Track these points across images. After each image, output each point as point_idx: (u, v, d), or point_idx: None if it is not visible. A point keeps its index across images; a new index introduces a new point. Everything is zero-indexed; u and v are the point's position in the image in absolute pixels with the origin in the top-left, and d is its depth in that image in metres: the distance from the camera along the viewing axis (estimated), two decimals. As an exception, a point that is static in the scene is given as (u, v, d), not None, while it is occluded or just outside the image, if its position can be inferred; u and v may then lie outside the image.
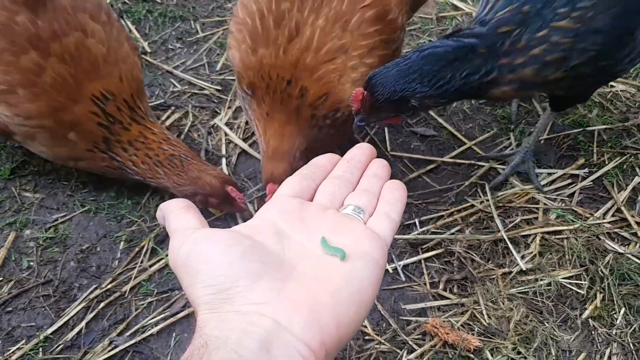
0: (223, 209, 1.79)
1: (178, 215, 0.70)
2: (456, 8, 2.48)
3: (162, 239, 1.77)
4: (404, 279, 1.71)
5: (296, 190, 0.76)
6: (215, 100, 2.16)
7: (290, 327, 0.58)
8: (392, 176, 1.68)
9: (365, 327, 1.60)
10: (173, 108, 2.12)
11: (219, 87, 2.20)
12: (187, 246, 0.64)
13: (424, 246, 1.76)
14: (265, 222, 0.70)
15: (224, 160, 1.98)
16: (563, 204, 1.83)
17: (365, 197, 0.77)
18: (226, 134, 2.05)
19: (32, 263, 1.70)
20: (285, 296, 0.60)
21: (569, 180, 1.91)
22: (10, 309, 1.62)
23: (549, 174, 1.92)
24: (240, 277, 0.60)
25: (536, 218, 1.81)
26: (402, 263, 1.73)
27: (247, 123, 2.09)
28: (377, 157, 0.87)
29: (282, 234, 0.69)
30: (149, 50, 2.30)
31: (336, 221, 0.72)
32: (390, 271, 1.72)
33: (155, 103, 2.11)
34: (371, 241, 0.70)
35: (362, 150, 0.84)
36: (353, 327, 0.63)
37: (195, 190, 1.68)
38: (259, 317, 0.57)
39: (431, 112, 2.12)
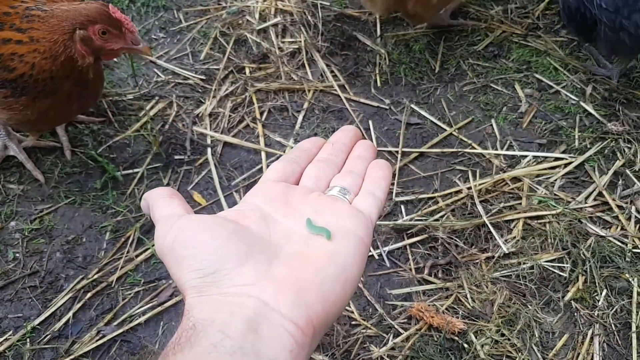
0: (115, 46, 1.46)
1: (162, 204, 0.70)
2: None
3: (148, 229, 1.77)
4: (389, 264, 1.73)
5: (281, 175, 0.77)
6: (200, 90, 2.16)
7: (277, 307, 0.58)
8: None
9: (352, 312, 1.62)
10: (157, 98, 2.11)
11: (203, 77, 2.19)
12: (173, 233, 0.65)
13: (408, 232, 1.78)
14: (251, 207, 0.71)
15: (209, 150, 1.98)
16: (546, 190, 1.86)
17: (350, 177, 0.78)
18: (210, 126, 2.05)
19: (17, 254, 1.69)
20: (271, 277, 0.61)
21: (553, 164, 1.93)
22: (-3, 300, 1.61)
23: (534, 158, 1.94)
24: (226, 260, 0.61)
25: (519, 204, 1.83)
26: (387, 249, 1.75)
27: (232, 112, 2.09)
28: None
29: (268, 217, 0.69)
30: (132, 40, 2.28)
31: (321, 203, 0.73)
32: (376, 257, 1.74)
33: (140, 93, 2.10)
34: (355, 219, 0.71)
35: (347, 132, 0.85)
36: (339, 305, 0.63)
37: (72, 25, 1.40)
38: (246, 298, 0.58)
39: (413, 105, 2.13)
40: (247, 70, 2.22)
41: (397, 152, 2.00)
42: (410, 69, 2.24)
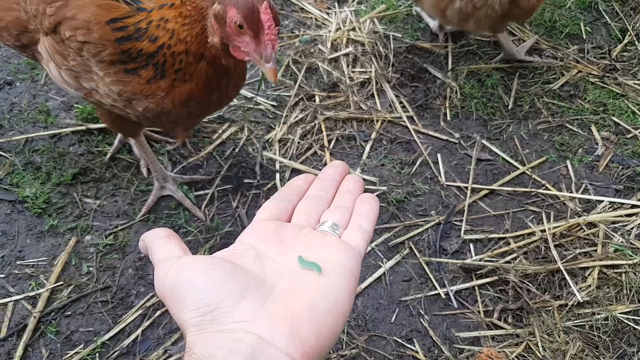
0: (243, 47, 1.29)
1: (160, 245, 0.73)
2: (512, 32, 2.46)
3: (218, 249, 1.79)
4: (456, 305, 1.70)
5: (273, 213, 0.80)
6: (271, 116, 2.19)
7: (273, 342, 0.62)
8: (446, 203, 1.65)
9: (417, 352, 1.59)
10: (229, 122, 2.15)
11: (274, 103, 2.22)
12: (172, 275, 0.67)
13: (477, 272, 1.75)
14: (245, 246, 0.74)
15: (277, 175, 2.00)
16: (622, 238, 1.79)
17: (339, 212, 0.81)
18: (279, 151, 2.07)
19: (91, 268, 1.74)
20: (267, 313, 0.64)
21: (630, 211, 1.87)
22: (69, 313, 1.66)
23: (610, 204, 1.88)
24: (224, 298, 0.64)
25: (595, 250, 1.77)
26: (454, 288, 1.72)
27: (301, 138, 2.11)
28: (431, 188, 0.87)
29: (262, 255, 0.72)
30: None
31: (312, 239, 0.76)
32: (443, 296, 1.71)
33: (213, 117, 2.15)
34: (345, 253, 0.73)
35: (335, 168, 0.88)
36: (332, 337, 0.67)
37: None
38: (244, 334, 0.61)
39: (484, 141, 2.10)
40: (317, 99, 2.24)
41: (466, 188, 1.97)
42: (482, 104, 2.21)
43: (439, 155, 2.08)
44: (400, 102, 2.24)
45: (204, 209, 1.89)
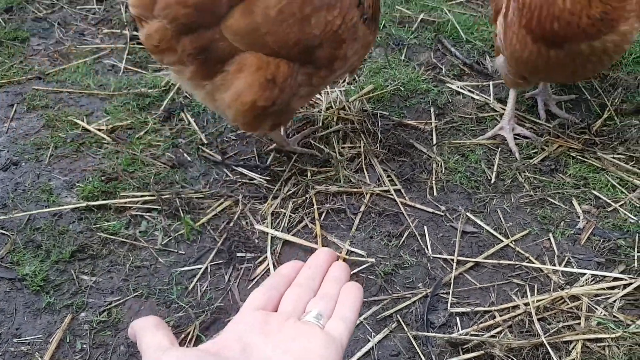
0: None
1: (149, 334, 0.75)
2: (494, 110, 2.59)
3: (207, 326, 1.83)
4: (443, 380, 1.71)
5: (261, 302, 0.84)
6: (264, 190, 2.28)
7: None
8: (433, 275, 1.70)
9: None
10: (225, 197, 2.24)
11: (268, 178, 2.32)
12: None
13: (464, 346, 1.77)
14: (232, 336, 0.77)
15: (269, 249, 2.06)
16: (605, 311, 1.83)
17: (324, 302, 0.85)
18: (271, 224, 2.15)
19: (85, 346, 1.78)
20: None
21: (612, 284, 1.91)
22: (62, 390, 1.69)
23: (593, 276, 1.93)
24: None
25: (578, 324, 1.80)
26: (441, 363, 1.74)
27: (293, 212, 2.18)
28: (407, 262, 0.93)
29: (247, 346, 0.76)
30: (205, 141, 2.46)
31: (296, 329, 0.80)
32: (430, 371, 1.73)
33: (209, 192, 2.24)
34: (327, 345, 0.77)
35: (322, 256, 0.93)
36: None
37: None
38: None
39: (469, 213, 2.17)
40: (309, 173, 2.34)
41: (452, 260, 2.02)
42: (466, 178, 2.30)
43: (425, 228, 2.14)
44: (388, 176, 2.33)
45: (196, 283, 1.95)
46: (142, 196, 2.19)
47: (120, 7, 3.16)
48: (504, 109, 2.55)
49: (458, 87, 2.69)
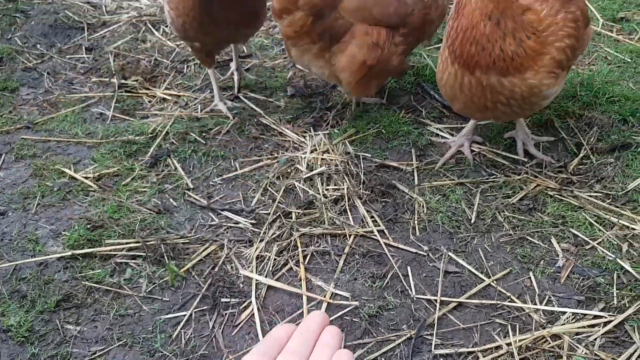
0: None
1: None
2: (472, 150, 2.65)
3: (192, 374, 1.84)
4: (427, 423, 1.72)
5: None
6: (249, 234, 2.31)
7: None
8: (417, 316, 1.72)
9: None
10: (210, 241, 2.27)
11: (253, 221, 2.35)
12: None
13: (447, 389, 1.78)
14: None
15: (253, 294, 2.08)
16: (586, 349, 1.84)
17: None
18: (256, 268, 2.17)
19: (68, 396, 1.78)
20: None
21: (592, 322, 1.93)
22: None
23: (573, 315, 1.95)
24: None
25: (560, 363, 1.82)
26: (425, 406, 1.74)
27: (277, 255, 2.21)
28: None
29: None
30: (191, 186, 2.51)
31: None
32: (414, 415, 1.73)
33: (195, 237, 2.27)
34: None
35: (315, 319, 0.94)
36: None
37: None
38: None
39: (451, 253, 2.20)
40: (294, 216, 2.38)
41: (435, 300, 2.05)
42: (447, 218, 2.34)
43: (409, 268, 2.17)
44: (372, 217, 2.37)
45: (180, 331, 1.96)
46: (127, 243, 2.21)
47: (109, 56, 3.25)
48: (481, 149, 2.62)
49: (437, 129, 2.76)
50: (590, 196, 2.37)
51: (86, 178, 2.51)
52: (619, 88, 2.85)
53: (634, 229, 2.21)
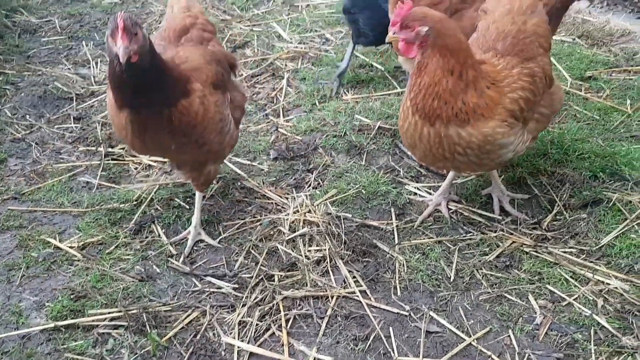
0: None
1: None
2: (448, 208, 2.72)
3: None
4: None
5: None
6: (232, 298, 2.33)
7: None
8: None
9: None
10: (193, 307, 2.28)
11: (235, 286, 2.38)
12: None
13: None
14: None
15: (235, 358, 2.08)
16: (566, 408, 1.85)
17: None
18: (239, 334, 2.18)
19: None
20: None
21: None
22: None
23: (552, 374, 1.97)
24: None
25: None
26: None
27: (260, 319, 2.22)
28: None
29: None
30: (174, 252, 2.54)
31: None
32: None
33: (177, 304, 2.29)
34: None
35: None
36: None
37: None
38: None
39: (432, 313, 2.22)
40: (276, 278, 2.40)
41: (418, 362, 2.05)
42: (427, 276, 2.38)
43: (391, 329, 2.19)
44: (354, 277, 2.40)
45: (162, 402, 1.95)
46: (109, 313, 2.23)
47: (96, 125, 3.34)
48: (458, 206, 2.69)
49: (416, 187, 2.84)
50: (565, 252, 2.42)
51: (71, 247, 2.54)
52: (588, 145, 2.96)
53: (609, 284, 2.26)
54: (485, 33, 2.44)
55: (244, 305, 2.29)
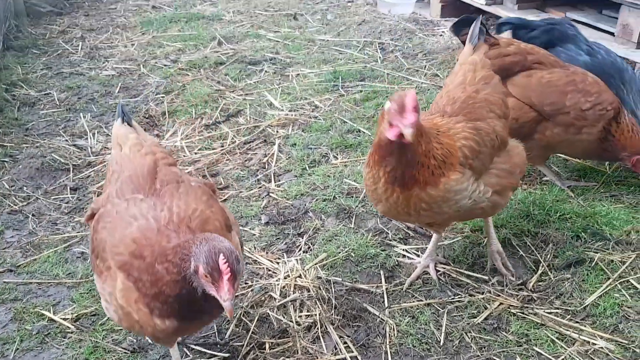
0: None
1: None
2: (436, 270, 2.76)
3: None
4: None
5: None
6: (223, 369, 2.34)
7: None
8: None
9: None
10: (184, 380, 2.29)
11: (226, 355, 2.39)
12: None
13: None
14: None
15: None
16: None
17: None
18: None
19: None
20: None
21: None
22: None
23: None
24: None
25: None
26: None
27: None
28: None
29: None
30: (166, 322, 2.56)
31: None
32: None
33: (169, 375, 2.30)
34: None
35: None
36: None
37: None
38: None
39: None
40: (267, 346, 2.42)
41: None
42: (417, 340, 2.40)
43: (382, 400, 2.20)
44: (345, 343, 2.42)
45: None
46: (100, 390, 2.23)
47: (92, 196, 3.42)
48: (446, 268, 2.74)
49: (404, 250, 2.90)
50: (551, 312, 2.46)
51: (65, 319, 2.56)
52: (569, 206, 3.05)
53: (595, 344, 2.29)
54: (438, 100, 2.58)
55: (235, 376, 2.30)
